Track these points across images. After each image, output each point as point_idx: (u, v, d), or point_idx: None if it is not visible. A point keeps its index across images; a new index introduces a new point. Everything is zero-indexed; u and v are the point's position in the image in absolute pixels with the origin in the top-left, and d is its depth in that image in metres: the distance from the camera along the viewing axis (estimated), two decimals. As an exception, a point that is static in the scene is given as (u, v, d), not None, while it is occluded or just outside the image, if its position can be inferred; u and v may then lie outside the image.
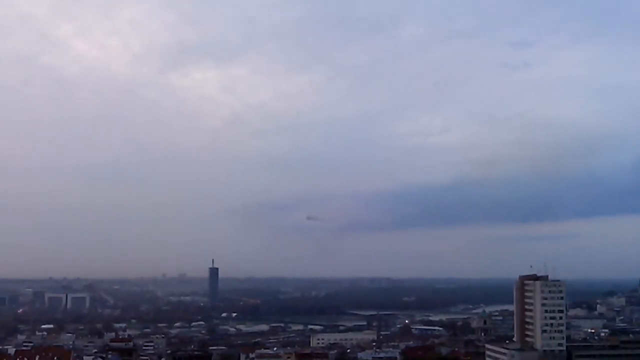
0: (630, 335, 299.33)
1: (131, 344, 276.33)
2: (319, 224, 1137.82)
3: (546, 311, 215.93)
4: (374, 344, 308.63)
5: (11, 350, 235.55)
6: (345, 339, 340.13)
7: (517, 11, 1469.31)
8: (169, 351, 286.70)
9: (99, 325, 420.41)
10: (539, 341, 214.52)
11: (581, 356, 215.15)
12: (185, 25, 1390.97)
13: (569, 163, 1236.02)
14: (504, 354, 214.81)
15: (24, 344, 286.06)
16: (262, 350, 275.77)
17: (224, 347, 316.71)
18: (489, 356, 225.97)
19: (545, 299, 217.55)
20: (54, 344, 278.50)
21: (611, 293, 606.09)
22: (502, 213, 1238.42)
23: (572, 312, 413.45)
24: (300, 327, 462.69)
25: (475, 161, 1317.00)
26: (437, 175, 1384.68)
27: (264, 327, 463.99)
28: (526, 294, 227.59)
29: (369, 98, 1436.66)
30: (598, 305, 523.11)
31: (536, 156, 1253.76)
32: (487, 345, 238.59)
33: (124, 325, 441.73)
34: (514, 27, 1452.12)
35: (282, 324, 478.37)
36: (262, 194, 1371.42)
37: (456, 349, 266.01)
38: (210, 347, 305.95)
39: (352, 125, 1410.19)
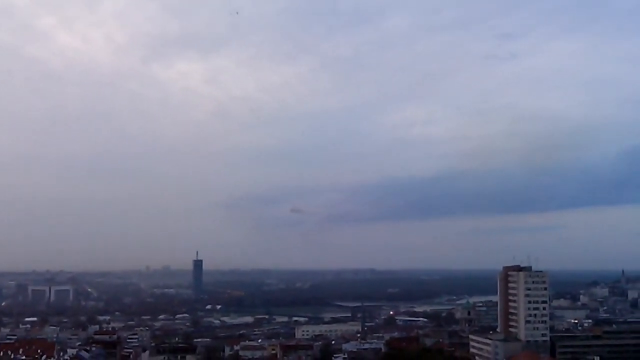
0: (614, 326, 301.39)
1: (115, 336, 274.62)
2: (303, 216, 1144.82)
3: (530, 302, 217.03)
4: (358, 335, 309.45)
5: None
6: (330, 330, 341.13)
7: (504, 3, 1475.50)
8: (153, 343, 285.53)
9: (82, 318, 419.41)
10: (522, 332, 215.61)
11: (565, 346, 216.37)
12: (168, 17, 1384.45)
13: (555, 155, 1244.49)
14: (488, 344, 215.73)
15: (8, 337, 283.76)
16: (247, 342, 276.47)
17: (208, 339, 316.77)
18: (473, 347, 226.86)
19: (529, 289, 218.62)
20: (38, 337, 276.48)
21: (594, 284, 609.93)
22: (488, 205, 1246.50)
23: (555, 303, 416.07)
24: (285, 318, 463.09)
25: (461, 153, 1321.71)
26: (423, 168, 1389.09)
27: (248, 319, 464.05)
28: (510, 284, 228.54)
29: (355, 90, 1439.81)
30: (581, 296, 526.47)
31: (522, 148, 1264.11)
32: (471, 336, 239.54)
33: (107, 317, 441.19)
34: (501, 19, 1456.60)
35: (266, 316, 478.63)
36: (247, 187, 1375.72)
37: (440, 340, 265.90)
38: (195, 339, 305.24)
39: (337, 117, 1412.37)
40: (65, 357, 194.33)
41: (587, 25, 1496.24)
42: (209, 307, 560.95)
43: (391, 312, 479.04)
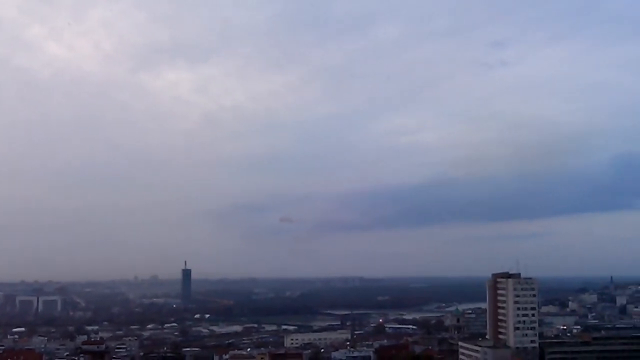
0: (602, 332, 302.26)
1: (103, 346, 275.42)
2: (292, 224, 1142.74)
3: (519, 309, 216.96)
4: (348, 343, 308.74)
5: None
6: (319, 339, 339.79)
7: (494, 11, 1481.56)
8: (141, 353, 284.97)
9: (70, 328, 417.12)
10: (511, 338, 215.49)
11: (554, 352, 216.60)
12: (157, 26, 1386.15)
13: (546, 162, 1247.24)
14: (477, 351, 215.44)
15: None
16: (236, 351, 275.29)
17: (197, 349, 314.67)
18: (463, 354, 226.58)
19: (518, 296, 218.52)
20: (26, 348, 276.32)
21: (583, 290, 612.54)
22: (477, 212, 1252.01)
23: (544, 309, 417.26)
24: (274, 327, 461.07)
25: (452, 161, 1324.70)
26: (413, 175, 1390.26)
27: (237, 328, 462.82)
28: (499, 291, 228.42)
29: (345, 98, 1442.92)
30: (570, 302, 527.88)
31: (513, 155, 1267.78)
32: (461, 343, 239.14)
33: (96, 327, 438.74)
34: (491, 27, 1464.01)
35: (255, 325, 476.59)
36: (236, 195, 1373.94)
37: (430, 347, 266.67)
38: (183, 349, 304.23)
39: (327, 126, 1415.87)
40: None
41: (576, 32, 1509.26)
42: (197, 316, 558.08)
43: (380, 320, 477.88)
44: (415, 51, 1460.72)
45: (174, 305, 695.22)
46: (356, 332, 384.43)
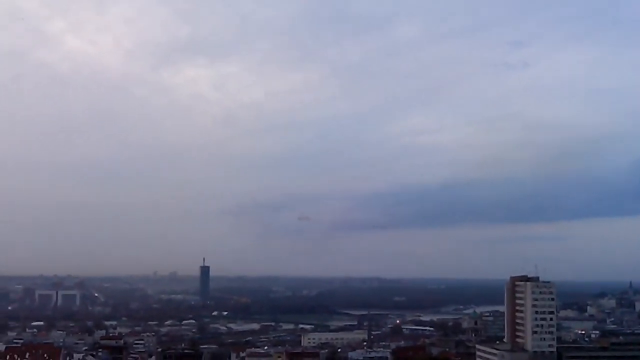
0: (621, 337, 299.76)
1: (121, 341, 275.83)
2: (310, 223, 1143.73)
3: (537, 312, 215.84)
4: (364, 343, 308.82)
5: (1, 346, 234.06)
6: (336, 339, 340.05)
7: (514, 11, 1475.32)
8: (159, 349, 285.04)
9: (89, 323, 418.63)
10: (529, 342, 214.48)
11: (571, 357, 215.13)
12: (177, 22, 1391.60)
13: (564, 164, 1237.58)
14: (494, 354, 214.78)
15: (14, 341, 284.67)
16: (253, 349, 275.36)
17: (214, 346, 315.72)
18: (480, 357, 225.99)
19: (536, 300, 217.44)
20: (44, 341, 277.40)
21: (602, 295, 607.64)
22: (496, 214, 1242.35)
23: (562, 314, 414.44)
24: (291, 326, 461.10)
25: (470, 161, 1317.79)
26: (431, 176, 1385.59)
27: (255, 326, 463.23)
28: (517, 294, 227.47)
29: (363, 97, 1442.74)
30: (589, 307, 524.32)
31: (532, 157, 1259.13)
32: (478, 346, 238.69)
33: (114, 323, 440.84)
34: (511, 27, 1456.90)
35: (273, 323, 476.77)
36: (254, 193, 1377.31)
37: (447, 349, 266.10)
38: (201, 346, 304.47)
39: (345, 124, 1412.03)
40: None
41: (596, 34, 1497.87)
42: (215, 313, 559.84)
43: (397, 321, 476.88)
44: (433, 50, 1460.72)
45: (192, 302, 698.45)
46: (373, 333, 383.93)
